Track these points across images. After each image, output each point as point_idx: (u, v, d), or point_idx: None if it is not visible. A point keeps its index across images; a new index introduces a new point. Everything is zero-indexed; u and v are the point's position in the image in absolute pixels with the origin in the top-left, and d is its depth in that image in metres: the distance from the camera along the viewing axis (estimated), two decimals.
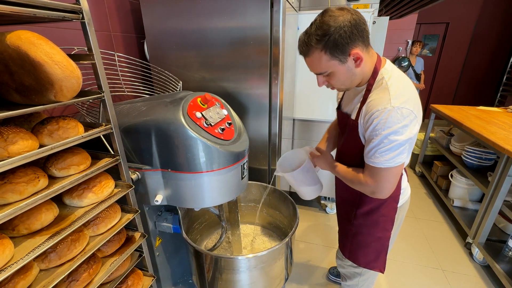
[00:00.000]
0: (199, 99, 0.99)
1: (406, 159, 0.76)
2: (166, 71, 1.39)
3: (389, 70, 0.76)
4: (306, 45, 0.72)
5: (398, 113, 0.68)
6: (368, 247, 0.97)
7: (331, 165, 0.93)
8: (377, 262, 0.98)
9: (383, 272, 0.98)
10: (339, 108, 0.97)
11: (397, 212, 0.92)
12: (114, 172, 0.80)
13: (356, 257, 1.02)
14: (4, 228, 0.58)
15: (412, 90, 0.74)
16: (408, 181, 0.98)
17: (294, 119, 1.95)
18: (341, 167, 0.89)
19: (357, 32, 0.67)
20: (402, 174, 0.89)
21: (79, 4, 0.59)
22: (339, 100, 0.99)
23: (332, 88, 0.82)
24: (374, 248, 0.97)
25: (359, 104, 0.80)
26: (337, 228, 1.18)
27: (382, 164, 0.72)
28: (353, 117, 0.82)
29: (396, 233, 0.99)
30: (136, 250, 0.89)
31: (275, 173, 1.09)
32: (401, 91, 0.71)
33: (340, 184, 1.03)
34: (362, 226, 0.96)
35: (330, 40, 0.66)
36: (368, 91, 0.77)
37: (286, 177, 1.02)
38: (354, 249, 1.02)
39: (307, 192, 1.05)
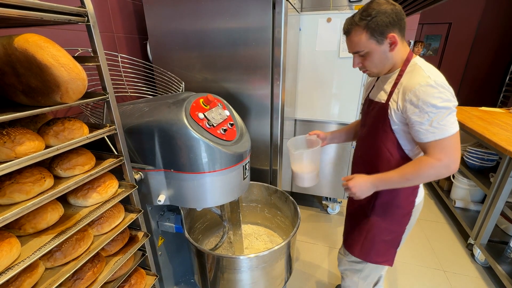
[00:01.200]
0: (201, 100, 1.00)
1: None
2: (168, 72, 1.40)
3: (421, 60, 0.81)
4: (350, 24, 0.80)
5: (440, 85, 0.72)
6: (381, 242, 0.98)
7: (373, 182, 0.84)
8: (386, 256, 0.99)
9: (391, 265, 0.99)
10: (367, 98, 0.99)
11: (414, 209, 0.93)
12: (117, 172, 0.81)
13: (367, 253, 1.01)
14: (10, 227, 0.59)
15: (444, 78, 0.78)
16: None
17: (295, 120, 1.96)
18: (391, 173, 0.82)
19: (396, 20, 0.75)
20: None
21: (85, 7, 0.60)
22: (367, 92, 1.01)
23: (364, 71, 0.87)
24: (386, 243, 0.98)
25: (390, 88, 0.83)
26: (338, 229, 1.19)
27: (448, 132, 0.72)
28: (384, 100, 0.85)
29: (409, 231, 0.99)
30: (139, 249, 0.90)
31: (290, 149, 1.08)
32: (436, 72, 0.76)
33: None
34: (379, 219, 0.96)
35: (372, 20, 0.75)
36: (400, 76, 0.81)
37: (295, 157, 1.07)
38: (367, 245, 1.01)
39: (307, 178, 1.07)
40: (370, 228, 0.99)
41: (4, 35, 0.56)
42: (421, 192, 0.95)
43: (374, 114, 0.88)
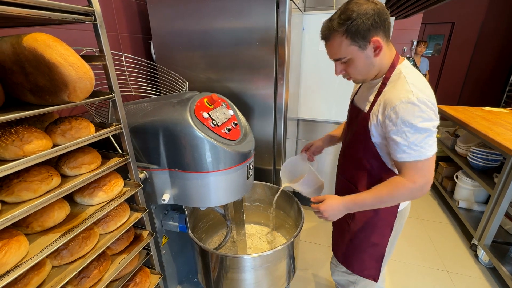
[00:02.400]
0: (206, 100, 1.00)
1: None
2: (172, 72, 1.41)
3: (407, 66, 0.76)
4: (328, 29, 0.72)
5: (423, 102, 0.67)
6: (364, 253, 0.94)
7: (345, 204, 0.81)
8: (371, 270, 0.94)
9: (376, 281, 0.94)
10: (352, 102, 0.95)
11: (396, 217, 0.88)
12: (122, 171, 0.82)
13: (350, 262, 0.98)
14: (18, 225, 0.59)
15: (430, 87, 0.73)
16: None
17: (298, 119, 1.96)
18: (365, 195, 0.79)
19: (379, 21, 0.68)
20: None
21: (92, 7, 0.61)
22: (353, 94, 0.98)
23: (349, 78, 0.82)
24: (369, 254, 0.93)
25: (372, 97, 0.79)
26: None
27: (425, 155, 0.69)
28: (365, 110, 0.81)
29: (394, 243, 0.95)
30: (144, 248, 0.91)
31: (281, 187, 1.13)
32: (421, 84, 0.71)
33: (339, 184, 1.01)
34: (359, 229, 0.92)
35: (352, 24, 0.68)
36: (383, 84, 0.76)
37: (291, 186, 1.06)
38: (349, 254, 0.98)
39: (311, 193, 1.06)
40: (351, 238, 0.95)
41: (7, 34, 0.56)
42: (404, 202, 0.90)
43: (357, 122, 0.84)
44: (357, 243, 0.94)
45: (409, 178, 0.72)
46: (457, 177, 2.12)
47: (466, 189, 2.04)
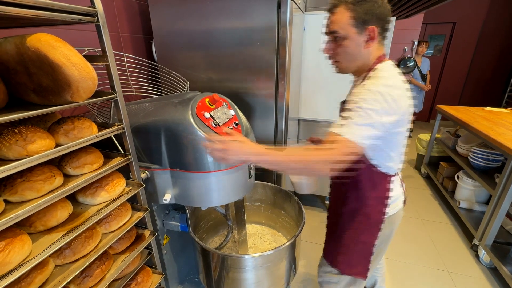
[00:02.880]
0: (207, 100, 1.00)
1: (391, 161, 0.78)
2: (173, 72, 1.41)
3: (387, 65, 0.76)
4: (338, 0, 0.74)
5: (379, 93, 0.67)
6: (352, 251, 0.93)
7: (247, 156, 0.74)
8: (357, 268, 0.93)
9: (364, 279, 0.93)
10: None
11: (384, 220, 0.86)
12: (124, 171, 0.82)
13: (338, 261, 0.97)
14: (21, 224, 0.60)
15: (402, 84, 0.72)
16: (405, 192, 0.92)
17: (299, 120, 1.96)
18: (271, 152, 0.73)
19: (383, 17, 0.72)
20: (389, 178, 0.83)
21: (95, 7, 0.61)
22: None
23: (333, 62, 0.82)
24: (357, 253, 0.92)
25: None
26: None
27: (345, 132, 0.67)
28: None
29: (384, 249, 0.93)
30: (145, 247, 0.91)
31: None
32: (390, 79, 0.70)
33: (332, 182, 1.01)
34: (347, 226, 0.92)
35: (361, 4, 0.70)
36: (364, 80, 0.77)
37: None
38: (337, 252, 0.97)
39: (305, 185, 1.05)
40: (339, 235, 0.95)
41: (11, 35, 0.57)
42: (396, 203, 0.88)
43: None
44: (345, 241, 0.93)
45: (329, 149, 0.68)
46: (458, 177, 2.12)
47: (467, 189, 2.04)
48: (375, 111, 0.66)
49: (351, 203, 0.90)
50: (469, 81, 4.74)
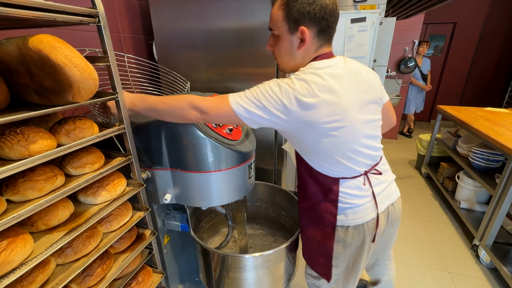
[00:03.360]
0: None
1: (314, 154, 0.75)
2: (174, 72, 1.41)
3: (317, 64, 0.70)
4: None
5: (277, 83, 0.68)
6: (312, 249, 0.91)
7: (132, 104, 0.78)
8: (322, 268, 0.89)
9: (328, 281, 0.89)
10: None
11: (348, 228, 0.80)
12: (125, 171, 0.82)
13: (306, 257, 0.96)
14: (23, 224, 0.60)
15: (322, 83, 0.66)
16: (376, 202, 0.80)
17: None
18: (151, 97, 0.78)
19: (318, 16, 0.67)
20: (337, 181, 0.77)
21: (96, 8, 0.61)
22: None
23: (276, 58, 0.81)
24: (319, 254, 0.88)
25: None
26: None
27: (229, 99, 0.70)
28: None
29: (358, 259, 0.85)
30: (146, 247, 0.91)
31: (282, 146, 1.11)
32: (303, 78, 0.67)
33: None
34: (305, 224, 0.90)
35: (297, 3, 0.66)
36: None
37: (290, 152, 1.05)
38: (305, 249, 0.96)
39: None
40: (301, 232, 0.95)
41: (13, 36, 0.57)
42: (360, 214, 0.79)
43: None
44: (306, 239, 0.93)
45: (207, 99, 0.73)
46: (458, 177, 2.11)
47: (468, 190, 2.04)
48: (266, 95, 0.67)
49: (303, 201, 0.89)
50: (470, 81, 4.73)
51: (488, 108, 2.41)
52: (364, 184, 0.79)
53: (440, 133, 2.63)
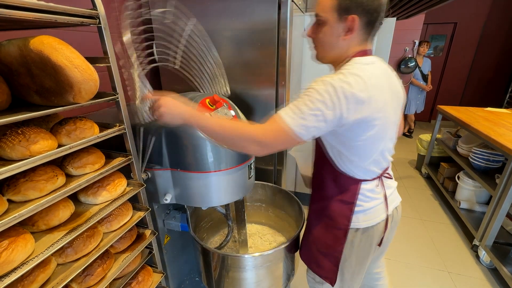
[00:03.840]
0: (207, 100, 1.01)
1: (350, 156, 0.72)
2: None
3: (363, 60, 0.70)
4: None
5: (330, 84, 0.63)
6: (318, 252, 0.88)
7: (186, 117, 0.72)
8: (327, 272, 0.87)
9: (332, 285, 0.87)
10: None
11: (352, 230, 0.80)
12: (125, 171, 0.83)
13: (309, 261, 0.93)
14: (24, 223, 0.61)
15: (371, 82, 0.65)
16: (387, 205, 0.81)
17: None
18: (209, 117, 0.73)
19: (372, 11, 0.66)
20: (359, 183, 0.77)
21: (96, 10, 0.62)
22: None
23: (313, 48, 0.78)
24: (325, 257, 0.86)
25: None
26: None
27: (282, 116, 0.65)
28: None
29: (363, 262, 0.86)
30: (146, 247, 0.92)
31: (289, 152, 1.09)
32: (353, 75, 0.64)
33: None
34: (315, 226, 0.88)
35: None
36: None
37: (297, 159, 1.05)
38: (307, 251, 0.94)
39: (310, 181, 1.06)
40: (308, 234, 0.92)
41: (14, 37, 0.58)
42: (371, 215, 0.80)
43: None
44: (312, 240, 0.90)
45: (263, 129, 0.68)
46: (458, 177, 2.11)
47: (468, 190, 2.04)
48: (323, 102, 0.62)
49: (316, 202, 0.87)
50: (470, 81, 4.73)
51: (489, 108, 2.41)
52: (377, 186, 0.80)
53: (440, 133, 2.63)
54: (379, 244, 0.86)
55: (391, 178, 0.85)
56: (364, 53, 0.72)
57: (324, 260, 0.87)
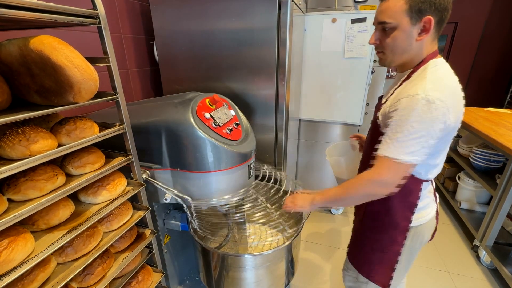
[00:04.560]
0: (207, 100, 1.01)
1: (429, 160, 0.71)
2: None
3: (438, 63, 0.70)
4: None
5: (430, 103, 0.62)
6: (373, 256, 0.89)
7: (313, 197, 0.82)
8: (380, 276, 0.88)
9: None
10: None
11: (410, 229, 0.81)
12: (125, 171, 0.83)
13: (359, 263, 0.94)
14: (24, 223, 0.61)
15: (455, 85, 0.68)
16: (437, 201, 0.85)
17: (300, 120, 1.96)
18: (333, 188, 0.79)
19: (443, 8, 0.67)
20: (421, 183, 0.78)
21: (96, 10, 0.62)
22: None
23: (378, 52, 0.77)
24: (379, 259, 0.87)
25: (393, 89, 0.76)
26: (342, 229, 1.18)
27: (396, 156, 0.65)
28: (382, 101, 0.79)
29: (410, 260, 0.88)
30: (146, 246, 0.92)
31: (326, 158, 1.13)
32: (440, 82, 0.65)
33: None
34: (370, 228, 0.88)
35: None
36: (407, 78, 0.73)
37: (330, 163, 1.10)
38: (358, 253, 0.94)
39: (339, 173, 1.10)
40: (362, 236, 0.92)
41: (14, 36, 0.58)
42: (424, 212, 0.82)
43: (374, 116, 0.81)
44: (367, 243, 0.90)
45: (374, 170, 0.69)
46: (459, 178, 2.11)
47: (468, 190, 2.03)
48: (422, 123, 0.62)
49: (373, 204, 0.82)
50: (471, 81, 4.71)
51: (489, 109, 2.41)
52: (429, 185, 0.82)
53: None
54: (431, 238, 0.88)
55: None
56: (436, 53, 0.73)
57: (379, 264, 0.87)
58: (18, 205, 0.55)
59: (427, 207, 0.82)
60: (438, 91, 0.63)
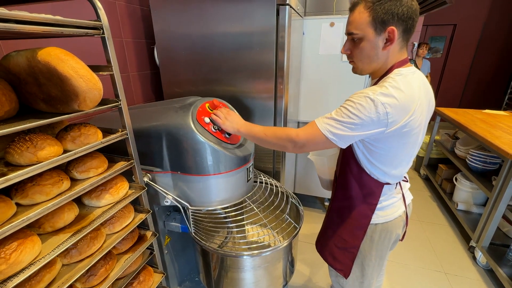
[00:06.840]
0: (207, 105, 1.04)
1: (385, 168, 0.77)
2: None
3: (402, 71, 0.72)
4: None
5: (373, 100, 0.66)
6: (335, 248, 0.93)
7: (240, 126, 0.92)
8: (342, 265, 0.93)
9: (346, 277, 0.93)
10: None
11: (376, 226, 0.85)
12: (127, 174, 0.85)
13: (324, 253, 0.98)
14: (31, 226, 0.63)
15: (410, 94, 0.68)
16: (405, 202, 0.88)
17: (298, 122, 1.99)
18: (256, 126, 0.89)
19: (406, 17, 0.68)
20: (381, 186, 0.81)
21: (100, 21, 0.64)
22: None
23: (351, 61, 0.80)
24: (341, 251, 0.92)
25: None
26: None
27: (320, 122, 0.73)
28: None
29: (383, 256, 0.91)
30: (147, 248, 0.94)
31: (308, 156, 1.17)
32: (394, 90, 0.67)
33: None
34: (334, 222, 0.94)
35: (384, 4, 0.67)
36: (375, 84, 0.75)
37: (314, 162, 1.12)
38: (325, 243, 0.98)
39: (327, 182, 1.12)
40: (327, 227, 0.98)
41: (21, 45, 0.60)
42: (389, 211, 0.85)
43: None
44: (330, 235, 0.95)
45: (299, 131, 0.78)
46: (456, 179, 2.13)
47: (465, 191, 2.06)
48: (359, 117, 0.67)
49: (339, 200, 0.91)
50: (470, 83, 4.74)
51: (487, 111, 2.43)
52: (396, 188, 0.86)
53: (439, 135, 2.65)
54: (401, 239, 0.92)
55: (407, 181, 0.91)
56: (405, 61, 0.75)
57: (341, 254, 0.93)
58: (25, 209, 0.57)
59: (393, 206, 0.86)
60: (386, 97, 0.66)
